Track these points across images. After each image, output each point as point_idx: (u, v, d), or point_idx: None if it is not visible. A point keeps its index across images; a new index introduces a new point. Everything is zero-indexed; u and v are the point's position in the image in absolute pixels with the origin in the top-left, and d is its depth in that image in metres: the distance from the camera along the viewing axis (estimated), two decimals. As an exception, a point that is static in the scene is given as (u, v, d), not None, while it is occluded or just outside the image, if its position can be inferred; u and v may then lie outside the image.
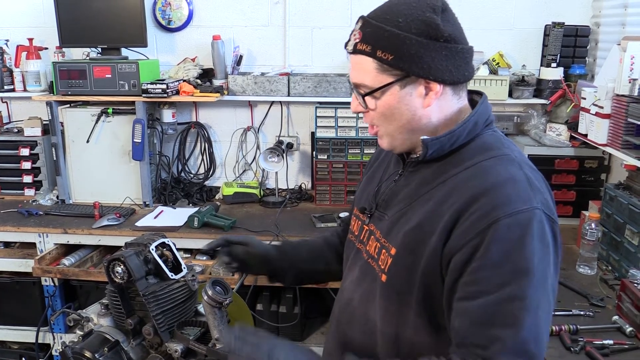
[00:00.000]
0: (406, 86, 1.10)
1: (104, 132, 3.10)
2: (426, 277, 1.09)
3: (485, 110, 1.18)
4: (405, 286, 1.13)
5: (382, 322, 1.18)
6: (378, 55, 1.08)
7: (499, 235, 1.00)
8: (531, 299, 0.99)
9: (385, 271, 1.16)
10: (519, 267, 1.00)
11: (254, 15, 3.30)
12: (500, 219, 1.00)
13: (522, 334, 0.98)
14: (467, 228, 1.03)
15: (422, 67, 1.08)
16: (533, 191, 1.05)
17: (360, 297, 1.25)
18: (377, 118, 1.16)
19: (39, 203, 3.17)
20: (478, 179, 1.07)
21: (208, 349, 1.29)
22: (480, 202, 1.03)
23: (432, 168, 1.16)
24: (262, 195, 3.30)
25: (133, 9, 3.03)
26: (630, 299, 1.87)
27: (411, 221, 1.13)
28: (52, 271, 2.74)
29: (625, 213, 2.27)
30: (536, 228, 1.01)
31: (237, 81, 3.16)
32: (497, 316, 0.99)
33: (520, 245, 1.00)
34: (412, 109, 1.12)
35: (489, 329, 0.99)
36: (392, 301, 1.16)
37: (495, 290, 1.00)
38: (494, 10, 3.19)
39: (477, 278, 1.01)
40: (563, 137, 2.96)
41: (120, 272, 1.33)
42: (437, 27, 1.07)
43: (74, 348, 1.32)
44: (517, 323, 0.98)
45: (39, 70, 3.25)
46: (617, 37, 2.66)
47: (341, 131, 3.10)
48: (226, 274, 2.65)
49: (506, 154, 1.11)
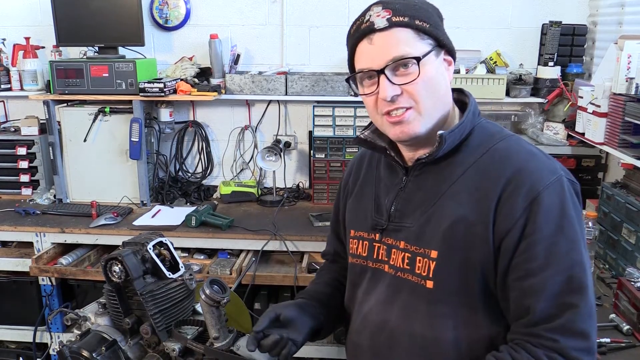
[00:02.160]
0: (438, 56, 1.14)
1: (101, 131, 3.09)
2: (481, 267, 1.10)
3: (475, 101, 1.22)
4: (458, 284, 1.12)
5: (435, 330, 1.14)
6: (417, 23, 1.10)
7: (543, 208, 1.05)
8: (585, 261, 1.06)
9: (430, 276, 1.13)
10: (570, 234, 1.06)
11: (251, 14, 3.29)
12: (540, 192, 1.06)
13: (589, 296, 1.04)
14: (511, 209, 1.07)
15: (445, 37, 1.15)
16: (550, 160, 1.13)
17: (398, 314, 1.19)
18: (418, 91, 1.10)
19: (36, 202, 3.17)
20: (504, 161, 1.11)
21: (206, 348, 1.29)
22: (515, 182, 1.07)
23: (441, 166, 1.16)
24: (259, 194, 3.30)
25: (130, 7, 3.02)
26: (627, 298, 1.87)
27: (446, 219, 1.12)
28: (50, 270, 2.73)
29: (622, 212, 2.27)
30: (568, 193, 1.08)
31: (234, 80, 3.15)
32: (565, 285, 1.03)
33: (563, 213, 1.06)
34: (445, 80, 1.16)
35: (560, 298, 1.03)
36: (446, 303, 1.13)
37: (556, 260, 1.04)
38: (492, 9, 3.19)
39: (534, 253, 1.05)
40: (560, 135, 2.96)
41: (118, 272, 1.32)
42: (438, 9, 1.17)
43: (72, 347, 1.32)
44: (583, 287, 1.04)
45: (36, 69, 3.25)
46: (614, 36, 2.67)
47: (339, 130, 3.10)
48: (224, 273, 2.65)
49: (511, 135, 1.18)
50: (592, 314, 1.04)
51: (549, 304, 1.03)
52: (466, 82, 3.00)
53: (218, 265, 2.72)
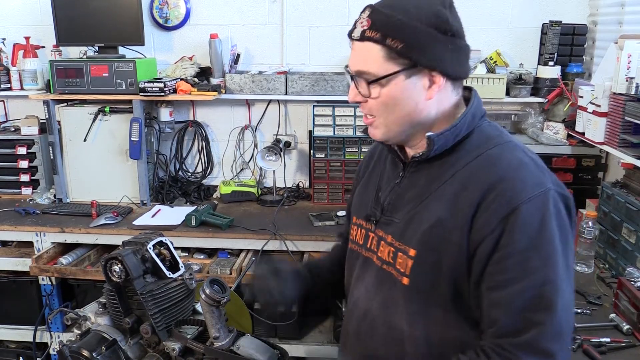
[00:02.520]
0: (411, 76, 1.10)
1: (101, 130, 3.09)
2: (453, 272, 1.10)
3: (479, 103, 1.20)
4: (430, 285, 1.13)
5: (410, 327, 1.17)
6: (388, 42, 1.07)
7: (520, 221, 1.02)
8: (559, 279, 1.03)
9: (407, 274, 1.15)
10: (544, 250, 1.03)
11: (251, 13, 3.29)
12: (520, 205, 1.03)
13: (557, 316, 1.01)
14: (488, 218, 1.05)
15: (430, 58, 1.09)
16: (542, 172, 1.09)
17: (380, 305, 1.23)
18: (377, 107, 1.14)
19: (36, 202, 3.17)
20: (490, 168, 1.09)
21: (206, 348, 1.29)
22: (497, 190, 1.05)
23: (435, 165, 1.17)
24: (259, 193, 3.30)
25: (130, 7, 3.02)
26: (627, 297, 1.87)
27: (427, 219, 1.13)
28: (50, 270, 2.73)
29: (623, 211, 2.27)
30: (553, 208, 1.04)
31: (234, 80, 3.15)
32: (532, 302, 1.02)
33: (541, 228, 1.03)
34: (414, 101, 1.12)
35: (525, 314, 1.02)
36: (419, 302, 1.15)
37: (526, 276, 1.02)
38: (492, 8, 3.19)
39: (505, 266, 1.04)
40: (560, 135, 2.96)
41: (118, 271, 1.33)
42: (447, 20, 1.09)
43: (72, 347, 1.32)
44: (552, 306, 1.01)
45: (36, 68, 3.25)
46: (614, 35, 2.66)
47: (339, 130, 3.10)
48: (224, 272, 2.65)
49: (508, 141, 1.15)
50: (560, 334, 1.01)
51: (514, 319, 1.02)
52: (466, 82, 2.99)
53: (218, 265, 2.72)
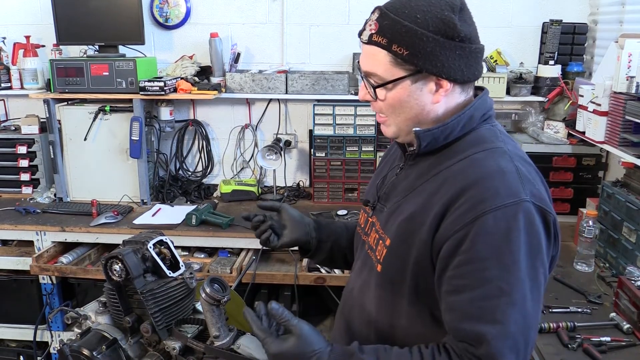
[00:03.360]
0: (417, 81, 1.11)
1: (101, 130, 3.09)
2: (417, 267, 1.11)
3: (483, 104, 1.18)
4: (398, 276, 1.15)
5: (377, 312, 1.22)
6: (393, 49, 1.09)
7: (484, 229, 1.00)
8: (517, 294, 1.00)
9: (381, 261, 1.19)
10: (505, 262, 1.00)
11: (251, 12, 3.29)
12: (486, 212, 1.01)
13: (509, 330, 0.99)
14: (454, 220, 1.04)
15: (436, 65, 1.09)
16: (522, 183, 1.05)
17: (359, 287, 1.30)
18: (385, 109, 1.17)
19: (36, 201, 3.17)
20: (468, 171, 1.08)
21: (206, 347, 1.29)
22: (467, 194, 1.04)
23: (428, 161, 1.18)
24: (260, 192, 3.30)
25: (130, 6, 3.02)
26: (628, 296, 1.87)
27: (404, 212, 1.15)
28: (50, 269, 2.73)
29: (623, 210, 2.27)
30: (523, 221, 1.01)
31: (234, 79, 3.15)
32: (483, 311, 1.00)
33: (505, 239, 1.00)
34: (421, 104, 1.13)
35: (476, 324, 1.00)
36: (387, 291, 1.19)
37: (481, 284, 1.00)
38: (492, 7, 3.19)
39: (462, 272, 1.02)
40: (561, 134, 2.96)
41: (118, 270, 1.33)
42: (455, 26, 1.09)
43: (72, 346, 1.32)
44: (503, 319, 0.99)
45: (36, 68, 3.25)
46: (614, 34, 2.66)
47: (339, 129, 3.10)
48: (224, 272, 2.65)
49: (498, 147, 1.12)
50: (515, 349, 0.99)
51: (466, 327, 1.01)
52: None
53: (218, 264, 2.72)
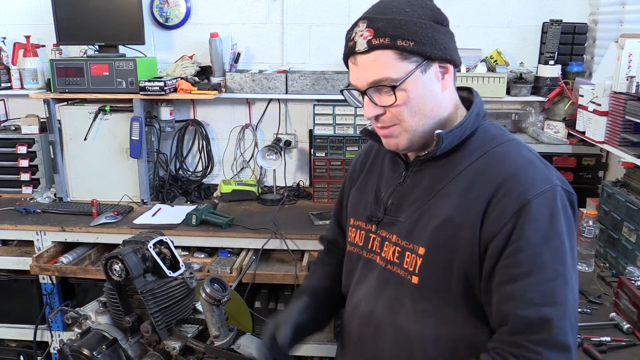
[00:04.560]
0: (426, 71, 1.11)
1: (101, 129, 3.09)
2: (465, 269, 1.10)
3: (481, 102, 1.22)
4: (442, 283, 1.13)
5: (418, 325, 1.16)
6: (399, 44, 1.07)
7: (531, 216, 1.04)
8: (568, 274, 1.05)
9: (416, 272, 1.15)
10: (555, 245, 1.05)
11: (251, 12, 3.29)
12: (530, 200, 1.05)
13: (567, 310, 1.03)
14: (499, 214, 1.06)
15: (441, 48, 1.11)
16: (548, 170, 1.11)
17: (385, 306, 1.22)
18: (401, 112, 1.12)
19: (36, 201, 3.17)
20: (498, 165, 1.11)
21: (206, 347, 1.29)
22: (506, 187, 1.07)
23: (439, 164, 1.17)
24: (260, 192, 3.30)
25: (130, 6, 3.02)
26: (628, 296, 1.87)
27: (436, 217, 1.13)
28: (50, 269, 2.73)
29: (623, 210, 2.27)
30: (560, 203, 1.07)
31: (234, 79, 3.15)
32: (544, 295, 1.03)
33: (552, 223, 1.05)
34: (434, 94, 1.14)
35: (540, 308, 1.02)
36: (429, 301, 1.15)
37: (538, 269, 1.03)
38: (492, 7, 3.19)
39: (516, 260, 1.05)
40: (561, 134, 2.96)
41: (118, 270, 1.33)
42: (440, 12, 1.13)
43: (72, 346, 1.32)
44: (563, 300, 1.03)
45: (36, 67, 3.25)
46: (614, 34, 2.66)
47: (339, 129, 3.10)
48: (224, 271, 2.65)
49: (512, 139, 1.17)
50: (573, 327, 1.03)
51: (528, 313, 1.02)
52: (467, 81, 2.99)
53: (218, 264, 2.72)
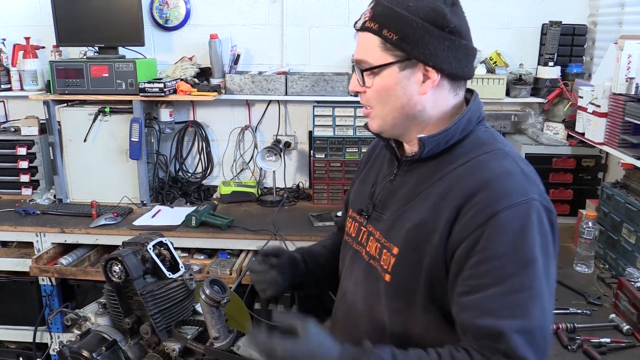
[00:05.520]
0: (405, 69, 1.12)
1: (101, 131, 3.09)
2: (432, 273, 1.10)
3: (478, 107, 1.20)
4: (410, 284, 1.14)
5: (391, 323, 1.19)
6: (384, 33, 1.10)
7: (499, 227, 1.02)
8: (536, 289, 1.01)
9: (389, 271, 1.17)
10: (523, 258, 1.02)
11: (251, 14, 3.29)
12: (500, 211, 1.02)
13: (531, 324, 1.00)
14: (467, 222, 1.05)
15: (424, 52, 1.10)
16: (529, 183, 1.07)
17: (364, 299, 1.25)
18: (372, 97, 1.17)
19: (36, 202, 3.17)
20: (475, 173, 1.09)
21: (206, 348, 1.29)
22: (478, 196, 1.05)
23: (428, 166, 1.17)
24: (259, 194, 3.30)
25: (130, 7, 3.02)
26: (627, 298, 1.87)
27: (412, 219, 1.14)
28: (50, 270, 2.73)
29: (622, 212, 2.27)
30: (535, 218, 1.03)
31: (234, 80, 3.15)
32: (503, 307, 1.01)
33: (522, 236, 1.02)
34: (408, 94, 1.14)
35: (496, 320, 1.00)
36: (399, 300, 1.16)
37: (501, 281, 1.01)
38: (492, 9, 3.19)
39: (480, 271, 1.03)
40: (560, 135, 2.96)
41: (118, 272, 1.33)
42: (445, 16, 1.10)
43: (72, 347, 1.32)
44: (524, 314, 1.00)
45: (36, 69, 3.25)
46: (614, 35, 2.66)
47: (339, 130, 3.10)
48: (224, 273, 2.65)
49: (500, 148, 1.13)
50: (536, 343, 0.99)
51: (486, 323, 1.01)
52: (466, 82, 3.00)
53: (218, 265, 2.72)
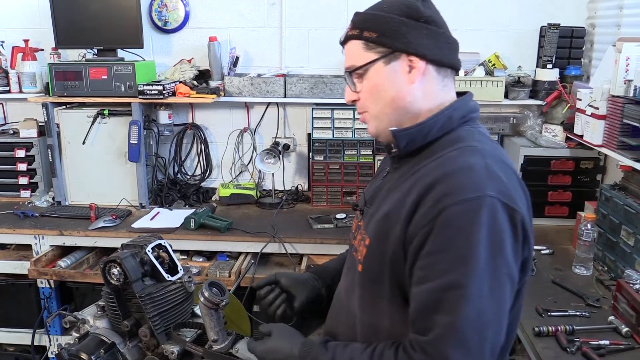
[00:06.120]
0: (390, 62, 1.16)
1: (100, 133, 3.09)
2: (393, 265, 1.12)
3: (464, 106, 1.20)
4: (377, 275, 1.17)
5: (361, 312, 1.23)
6: (364, 35, 1.18)
7: (445, 223, 1.02)
8: (471, 288, 1.00)
9: (362, 261, 1.21)
10: (461, 255, 1.01)
11: (250, 16, 3.30)
12: (449, 206, 1.02)
13: (458, 323, 0.99)
14: (422, 216, 1.06)
15: (404, 42, 1.15)
16: (490, 179, 1.05)
17: (345, 289, 1.32)
18: (365, 100, 1.21)
19: (34, 205, 3.16)
20: (439, 168, 1.10)
21: (205, 351, 1.29)
22: (434, 190, 1.06)
23: (410, 162, 1.20)
24: (258, 196, 3.30)
25: (129, 10, 3.02)
26: (626, 300, 1.87)
27: (382, 212, 1.17)
28: (48, 273, 2.73)
29: (621, 214, 2.27)
30: (485, 216, 1.01)
31: (233, 82, 3.16)
32: (438, 303, 1.02)
33: (464, 233, 1.01)
34: (397, 86, 1.17)
35: (430, 314, 1.02)
36: (368, 290, 1.20)
37: (438, 276, 1.02)
38: (490, 11, 3.19)
39: (425, 264, 1.05)
40: (559, 138, 2.97)
41: (117, 274, 1.33)
42: (417, 8, 1.15)
43: (70, 350, 1.32)
44: (453, 311, 1.00)
45: (34, 71, 3.24)
46: (612, 38, 2.67)
47: (337, 132, 3.10)
48: (222, 275, 2.65)
49: (472, 145, 1.13)
50: (463, 343, 0.99)
51: (420, 317, 1.04)
52: (465, 84, 3.00)
53: (217, 268, 2.72)
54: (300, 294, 1.46)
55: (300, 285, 1.47)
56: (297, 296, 1.45)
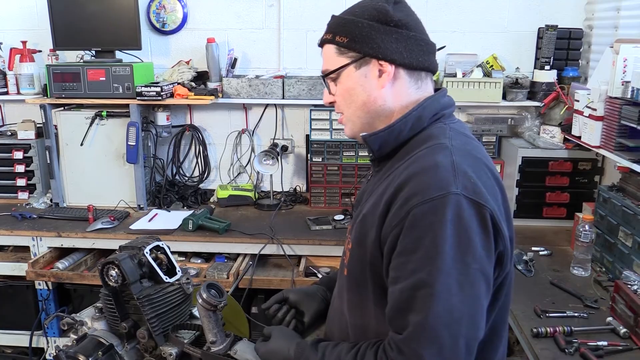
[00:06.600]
0: (361, 67, 1.18)
1: (98, 135, 3.09)
2: (373, 267, 1.14)
3: (434, 104, 1.19)
4: (360, 277, 1.19)
5: (350, 314, 1.26)
6: (337, 39, 1.20)
7: (413, 222, 1.03)
8: (440, 286, 1.00)
9: (347, 265, 1.23)
10: (428, 254, 1.01)
11: (248, 18, 3.30)
12: (414, 207, 1.03)
13: (428, 321, 1.00)
14: (392, 217, 1.07)
15: (373, 47, 1.16)
16: (456, 176, 1.04)
17: (337, 293, 1.34)
18: (340, 103, 1.24)
19: (32, 206, 3.16)
20: (408, 168, 1.10)
21: (203, 352, 1.29)
22: (403, 190, 1.07)
23: (387, 165, 1.21)
24: (256, 198, 3.30)
25: (127, 11, 3.02)
26: (624, 301, 1.87)
27: (361, 215, 1.19)
28: (46, 275, 2.72)
29: (619, 215, 2.28)
30: (450, 214, 1.01)
31: (231, 84, 3.16)
32: (409, 302, 1.03)
33: (430, 231, 1.01)
34: (367, 90, 1.19)
35: (404, 313, 1.04)
36: (354, 293, 1.22)
37: (408, 276, 1.03)
38: (488, 13, 3.20)
39: (396, 264, 1.06)
40: (557, 139, 2.97)
41: (115, 276, 1.32)
42: (387, 12, 1.16)
43: (68, 352, 1.31)
44: (423, 310, 1.01)
45: (32, 73, 3.24)
46: (610, 39, 2.68)
47: (336, 134, 3.10)
48: (221, 277, 2.64)
49: (441, 143, 1.12)
50: (434, 341, 0.99)
51: (394, 315, 1.06)
52: (462, 86, 3.01)
53: (215, 269, 2.72)
54: (309, 308, 1.46)
55: (309, 299, 1.47)
56: (306, 311, 1.46)
